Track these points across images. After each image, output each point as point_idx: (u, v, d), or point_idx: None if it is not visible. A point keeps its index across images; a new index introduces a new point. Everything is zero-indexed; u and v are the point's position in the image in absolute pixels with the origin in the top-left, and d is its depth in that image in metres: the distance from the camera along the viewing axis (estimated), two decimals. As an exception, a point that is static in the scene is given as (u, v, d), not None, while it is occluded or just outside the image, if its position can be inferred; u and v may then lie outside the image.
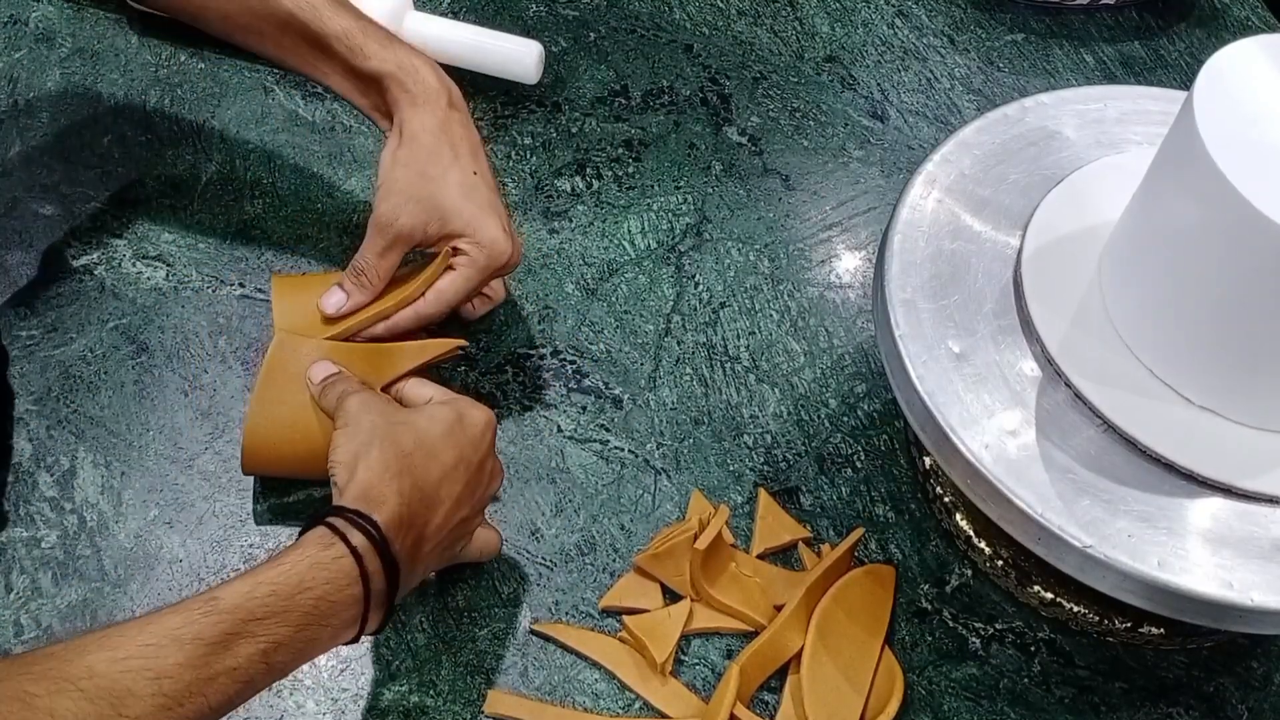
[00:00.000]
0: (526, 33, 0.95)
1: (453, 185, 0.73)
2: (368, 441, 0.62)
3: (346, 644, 0.59)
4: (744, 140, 0.94)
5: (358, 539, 0.58)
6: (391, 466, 0.61)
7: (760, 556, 0.74)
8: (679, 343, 0.83)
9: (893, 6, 1.04)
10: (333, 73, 0.75)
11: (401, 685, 0.68)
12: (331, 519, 0.58)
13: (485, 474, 0.66)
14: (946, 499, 0.75)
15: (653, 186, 0.91)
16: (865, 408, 0.81)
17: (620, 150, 0.93)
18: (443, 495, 0.62)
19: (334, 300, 0.73)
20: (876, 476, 0.78)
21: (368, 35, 0.74)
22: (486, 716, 0.68)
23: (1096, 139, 0.76)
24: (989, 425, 0.63)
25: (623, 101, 0.96)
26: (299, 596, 0.55)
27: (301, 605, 0.55)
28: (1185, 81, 0.99)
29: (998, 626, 0.73)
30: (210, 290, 0.83)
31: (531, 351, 0.82)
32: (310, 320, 0.73)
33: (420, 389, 0.71)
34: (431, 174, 0.73)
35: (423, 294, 0.74)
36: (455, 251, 0.73)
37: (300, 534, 0.58)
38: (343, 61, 0.74)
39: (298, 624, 0.55)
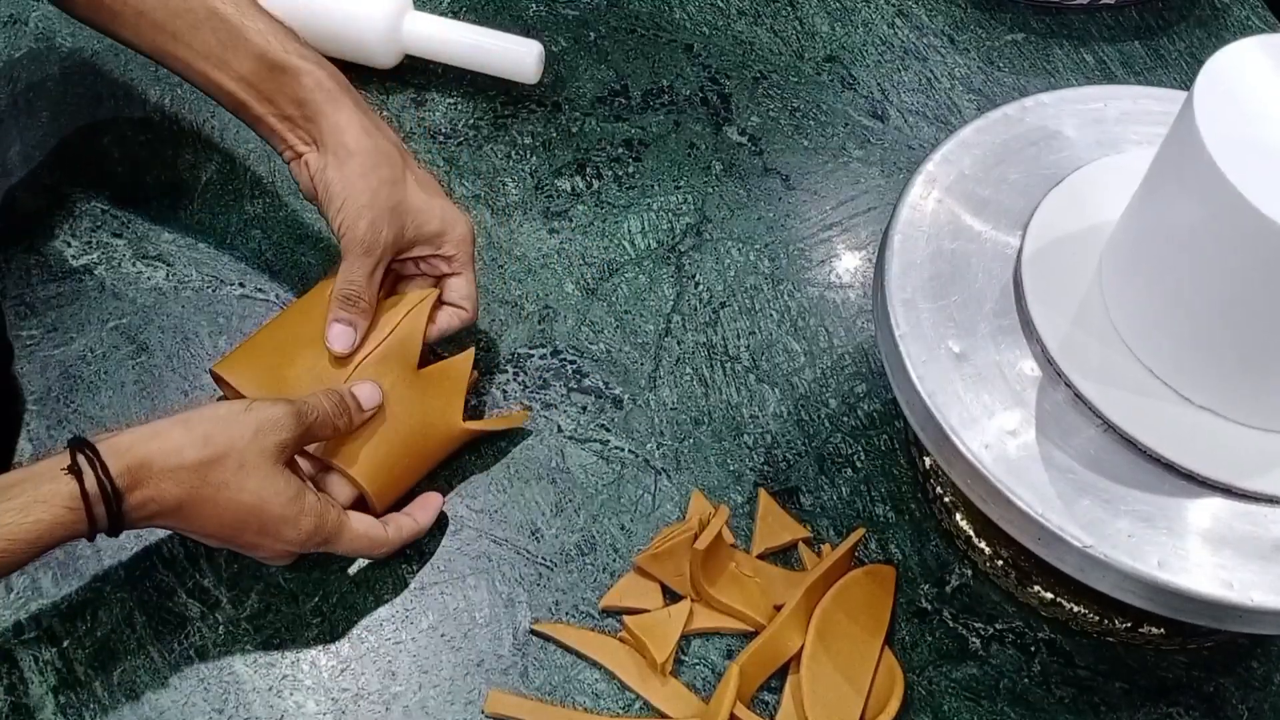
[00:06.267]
0: (526, 33, 0.95)
1: (413, 185, 0.72)
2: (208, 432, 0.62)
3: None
4: (744, 140, 0.94)
5: (100, 512, 0.59)
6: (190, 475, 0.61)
7: (760, 556, 0.74)
8: (679, 342, 0.83)
9: (893, 6, 1.04)
10: (240, 70, 0.71)
11: (401, 685, 0.68)
12: (88, 486, 0.58)
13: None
14: (946, 499, 0.75)
15: (653, 186, 0.91)
16: (865, 408, 0.81)
17: (620, 150, 0.93)
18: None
19: (343, 337, 0.71)
20: (876, 476, 0.78)
21: (287, 33, 0.72)
22: (486, 716, 0.68)
23: (1096, 139, 0.76)
24: (989, 425, 0.63)
25: (623, 101, 0.96)
26: (32, 549, 0.58)
27: (31, 554, 0.58)
28: (1185, 81, 0.99)
29: (998, 626, 0.73)
30: (210, 290, 0.83)
31: (531, 351, 0.82)
32: (278, 378, 0.71)
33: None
34: (394, 178, 0.71)
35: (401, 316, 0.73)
36: (447, 259, 0.74)
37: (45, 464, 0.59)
38: (257, 53, 0.70)
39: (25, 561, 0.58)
